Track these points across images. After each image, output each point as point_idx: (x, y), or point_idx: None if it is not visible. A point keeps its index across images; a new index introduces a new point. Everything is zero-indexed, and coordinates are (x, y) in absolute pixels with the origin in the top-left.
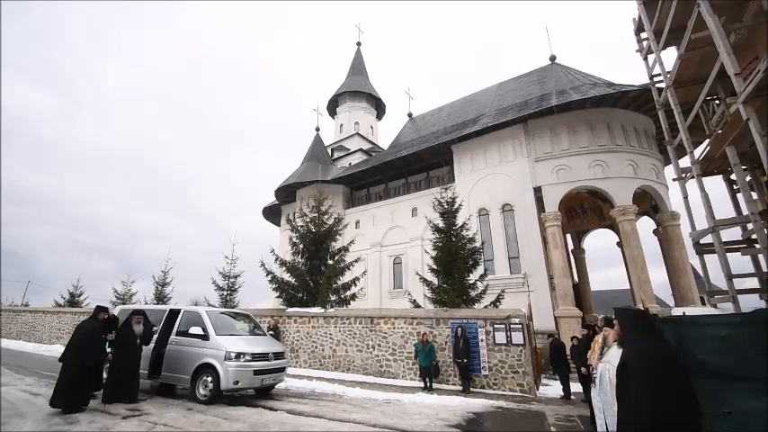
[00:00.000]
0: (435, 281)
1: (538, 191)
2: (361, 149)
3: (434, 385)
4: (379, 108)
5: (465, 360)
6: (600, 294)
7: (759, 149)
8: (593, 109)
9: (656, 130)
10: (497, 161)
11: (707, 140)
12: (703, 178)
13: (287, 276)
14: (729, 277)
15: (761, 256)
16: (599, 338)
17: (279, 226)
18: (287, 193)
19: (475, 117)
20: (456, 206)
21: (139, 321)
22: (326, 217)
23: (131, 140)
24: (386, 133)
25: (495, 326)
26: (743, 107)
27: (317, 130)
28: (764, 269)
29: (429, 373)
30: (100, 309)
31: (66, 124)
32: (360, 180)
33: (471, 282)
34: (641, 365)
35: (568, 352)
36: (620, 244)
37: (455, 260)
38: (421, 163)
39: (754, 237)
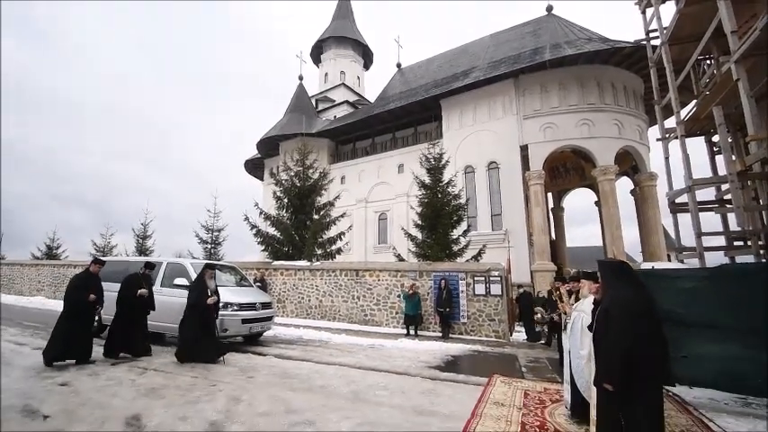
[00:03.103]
0: (420, 236)
1: (524, 149)
2: (347, 101)
3: (411, 332)
4: (366, 57)
5: (447, 309)
6: (574, 250)
7: (744, 110)
8: (586, 65)
9: (645, 90)
10: (486, 117)
11: (694, 101)
12: (686, 139)
13: (272, 231)
14: (699, 235)
15: (730, 216)
16: (563, 290)
17: (262, 180)
18: (270, 145)
19: (466, 70)
20: (443, 162)
21: (213, 276)
22: (311, 171)
23: (107, 87)
24: (373, 85)
25: (476, 278)
26: (735, 66)
27: (301, 78)
28: (732, 228)
29: (415, 321)
30: (95, 260)
31: (36, 70)
32: (345, 134)
33: (455, 237)
34: (623, 311)
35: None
36: (597, 203)
37: (440, 216)
38: (409, 117)
39: (727, 197)
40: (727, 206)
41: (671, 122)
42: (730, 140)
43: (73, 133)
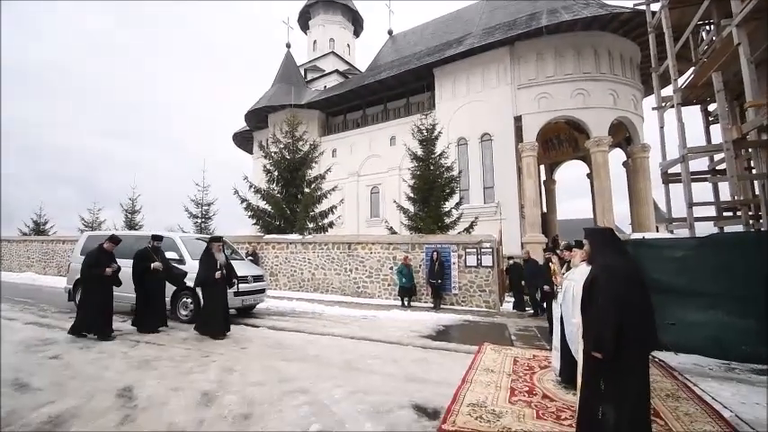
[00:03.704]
0: (412, 209)
1: (518, 120)
2: (336, 71)
3: (406, 303)
4: (356, 23)
5: (439, 281)
6: (565, 223)
7: (744, 76)
8: (583, 32)
9: (642, 58)
10: (480, 87)
11: (691, 69)
12: (682, 108)
13: (263, 204)
14: (690, 205)
15: (721, 187)
16: (556, 259)
17: (251, 153)
18: (258, 117)
19: (460, 37)
20: (436, 133)
21: (220, 249)
22: (301, 143)
23: (90, 59)
24: (364, 53)
25: (467, 250)
26: (736, 30)
27: (288, 46)
28: (724, 199)
29: (409, 292)
30: (111, 237)
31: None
32: (336, 105)
33: (447, 209)
34: (610, 279)
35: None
36: (590, 175)
37: (432, 188)
38: (401, 87)
39: (720, 167)
40: (719, 176)
41: (667, 91)
42: (727, 108)
43: (51, 107)
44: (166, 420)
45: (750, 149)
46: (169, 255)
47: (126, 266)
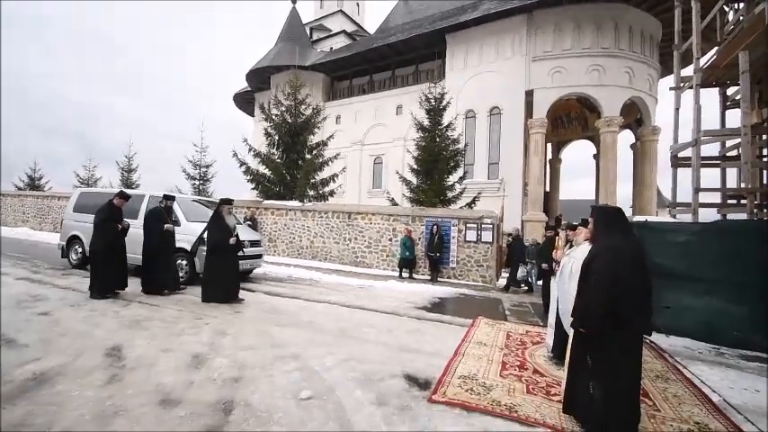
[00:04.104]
0: (415, 180)
1: (529, 95)
2: (344, 32)
3: (404, 275)
4: None
5: (438, 254)
6: (567, 203)
7: None
8: (606, 3)
9: (662, 37)
10: (493, 57)
11: (714, 50)
12: (700, 90)
13: (262, 169)
14: (697, 190)
15: (728, 174)
16: (562, 236)
17: (253, 116)
18: (260, 78)
19: (476, 1)
20: (444, 104)
21: (231, 212)
22: (304, 107)
23: (90, 11)
24: (374, 14)
25: (468, 225)
26: None
27: (294, 1)
28: (730, 185)
29: (410, 264)
30: (120, 193)
31: None
32: (342, 69)
33: (450, 183)
34: (609, 259)
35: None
36: (596, 156)
37: (437, 161)
38: (411, 53)
39: (729, 154)
40: (732, 161)
41: (686, 72)
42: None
43: (48, 58)
44: (154, 381)
45: (765, 136)
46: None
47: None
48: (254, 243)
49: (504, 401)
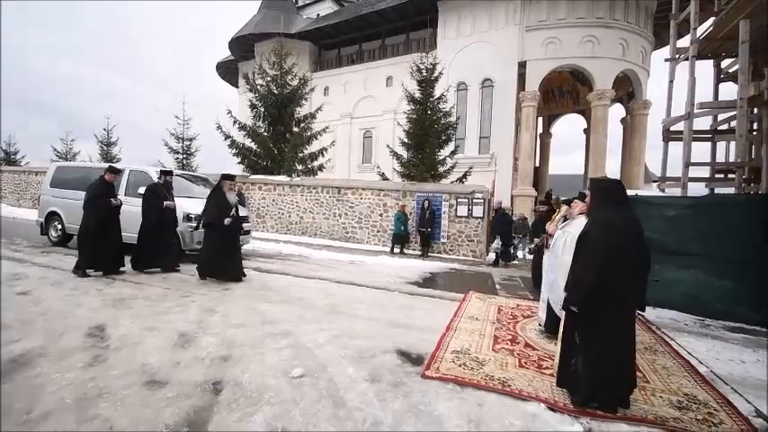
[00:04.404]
0: (405, 155)
1: (522, 66)
2: None
3: (396, 250)
4: None
5: (429, 229)
6: (556, 177)
7: None
8: None
9: (657, 8)
10: (486, 26)
11: (710, 20)
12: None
13: (248, 142)
14: (687, 164)
15: (719, 147)
16: (564, 210)
17: (237, 87)
18: (244, 47)
19: None
20: (436, 74)
21: (232, 188)
22: (290, 77)
23: None
24: None
25: (459, 200)
26: None
27: None
28: (719, 159)
29: (403, 240)
30: (110, 168)
31: None
32: (329, 37)
33: (441, 157)
34: (601, 233)
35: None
36: (587, 130)
37: (428, 134)
38: (402, 20)
39: (721, 128)
40: (727, 135)
41: (682, 43)
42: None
43: (28, 29)
44: (139, 361)
45: (759, 109)
46: (143, 190)
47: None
48: (243, 219)
49: (498, 376)
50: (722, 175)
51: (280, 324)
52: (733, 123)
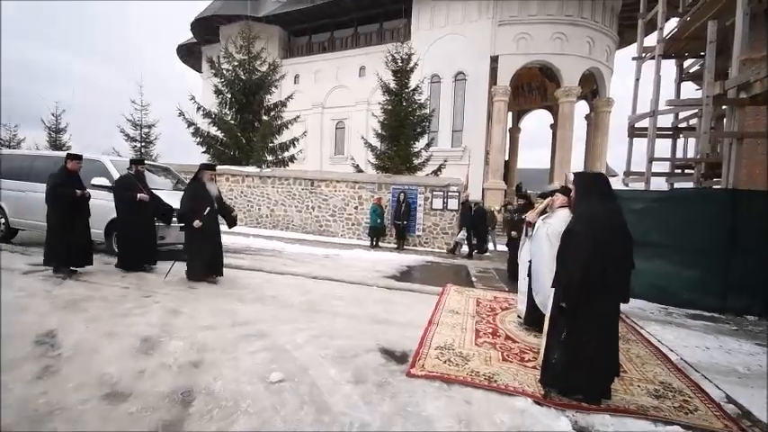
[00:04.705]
0: (380, 146)
1: (494, 61)
2: None
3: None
4: None
5: (405, 222)
6: (523, 171)
7: (737, 27)
8: None
9: (621, 8)
10: (460, 18)
11: (675, 20)
12: (653, 61)
13: (214, 130)
14: (650, 160)
15: (679, 144)
16: (548, 202)
17: (200, 72)
18: (208, 29)
19: None
20: (411, 65)
21: (213, 177)
22: (258, 62)
23: None
24: None
25: (434, 192)
26: None
27: None
28: (684, 155)
29: (379, 233)
30: (70, 155)
31: None
32: (300, 22)
33: (416, 150)
34: (585, 227)
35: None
36: (553, 126)
37: (403, 126)
38: (375, 9)
39: (681, 125)
40: (691, 132)
41: (648, 42)
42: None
43: None
44: (97, 371)
45: (724, 107)
46: (97, 181)
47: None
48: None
49: (483, 371)
50: (680, 171)
51: (253, 324)
52: (692, 121)
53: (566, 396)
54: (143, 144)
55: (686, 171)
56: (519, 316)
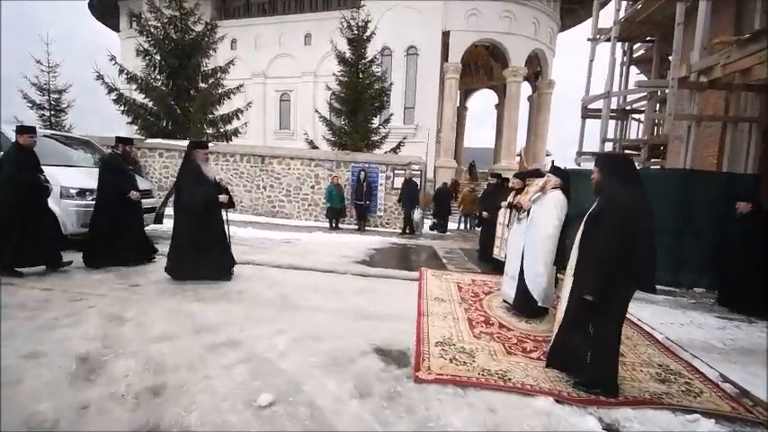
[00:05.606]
0: (337, 121)
1: (446, 36)
2: None
3: (333, 224)
4: None
5: (367, 202)
6: (469, 150)
7: (699, 11)
8: None
9: None
10: None
11: (624, 3)
12: (597, 46)
13: (141, 98)
14: (603, 140)
15: (627, 125)
16: (538, 182)
17: (118, 31)
18: None
19: None
20: (368, 33)
21: (207, 158)
22: (192, 20)
23: None
24: None
25: (396, 171)
26: None
27: None
28: (625, 136)
29: (339, 214)
30: (22, 128)
31: None
32: None
33: (375, 126)
34: (618, 215)
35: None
36: (498, 105)
37: (361, 99)
38: None
39: (627, 108)
40: (657, 113)
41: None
42: (649, 51)
43: None
44: (21, 411)
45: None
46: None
47: None
48: (143, 193)
49: (493, 369)
50: (630, 152)
51: (221, 330)
52: (636, 105)
53: (589, 390)
54: (52, 113)
55: (630, 152)
56: (505, 300)
